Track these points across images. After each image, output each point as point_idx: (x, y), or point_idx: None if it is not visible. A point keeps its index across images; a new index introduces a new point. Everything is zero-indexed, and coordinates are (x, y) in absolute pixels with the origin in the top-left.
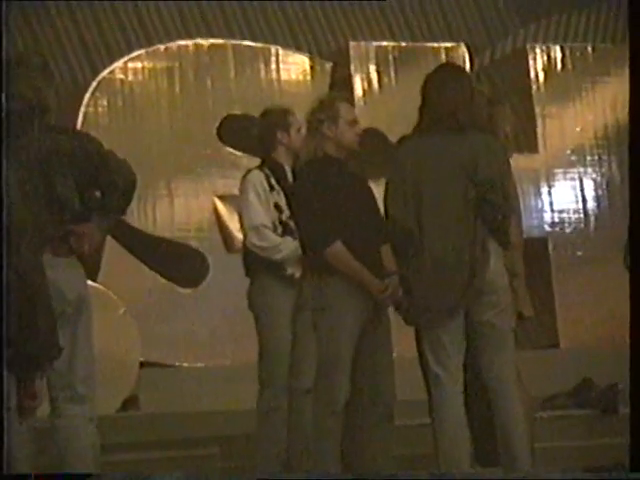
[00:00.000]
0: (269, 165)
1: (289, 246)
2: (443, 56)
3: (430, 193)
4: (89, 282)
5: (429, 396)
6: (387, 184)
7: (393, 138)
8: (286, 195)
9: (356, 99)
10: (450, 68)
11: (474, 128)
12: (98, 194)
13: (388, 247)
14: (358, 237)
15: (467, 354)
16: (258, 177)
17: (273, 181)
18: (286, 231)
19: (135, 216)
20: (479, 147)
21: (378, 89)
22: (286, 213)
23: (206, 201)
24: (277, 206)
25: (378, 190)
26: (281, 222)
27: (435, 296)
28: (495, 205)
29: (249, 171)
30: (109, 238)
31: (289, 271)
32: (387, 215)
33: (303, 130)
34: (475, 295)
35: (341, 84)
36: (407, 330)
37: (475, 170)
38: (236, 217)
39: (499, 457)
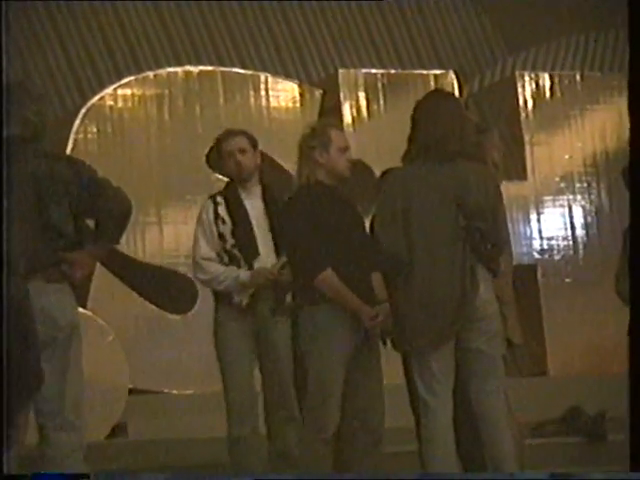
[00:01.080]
0: (226, 193)
1: (231, 275)
2: (432, 83)
3: (419, 221)
4: (79, 309)
5: (416, 424)
6: (376, 212)
7: (382, 165)
8: (234, 223)
9: (345, 126)
10: (440, 95)
11: (464, 156)
12: (92, 222)
13: (379, 274)
14: (349, 264)
15: (457, 381)
16: (206, 206)
17: (221, 210)
18: (232, 260)
19: (124, 243)
20: (469, 175)
21: (367, 116)
22: (230, 242)
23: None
24: (221, 236)
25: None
26: (226, 251)
27: (425, 323)
28: (485, 233)
29: None
30: (98, 265)
31: (236, 299)
32: (376, 243)
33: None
34: (465, 322)
35: (330, 111)
36: (397, 357)
37: (465, 198)
38: None
39: None
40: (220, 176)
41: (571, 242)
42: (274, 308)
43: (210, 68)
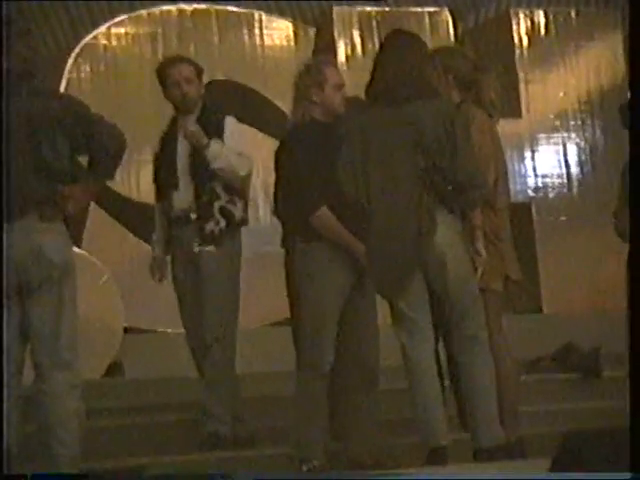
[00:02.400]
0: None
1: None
2: (427, 21)
3: (378, 165)
4: (74, 248)
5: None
6: (338, 157)
7: None
8: (162, 158)
9: (340, 64)
10: (398, 35)
11: (421, 96)
12: (86, 157)
13: None
14: (344, 202)
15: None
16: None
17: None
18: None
19: (119, 182)
20: (425, 115)
21: (362, 54)
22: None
23: None
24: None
25: None
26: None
27: (385, 266)
28: (444, 172)
29: None
30: (92, 204)
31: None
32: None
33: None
34: (425, 265)
35: (325, 49)
36: None
37: (422, 139)
38: None
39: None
40: None
41: (566, 180)
42: (199, 239)
43: (204, 6)
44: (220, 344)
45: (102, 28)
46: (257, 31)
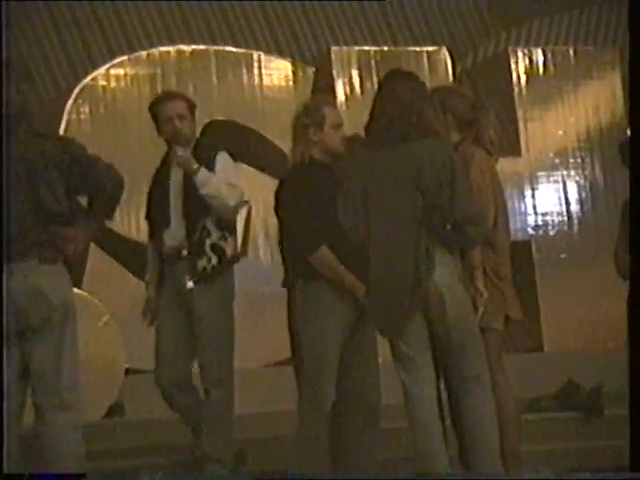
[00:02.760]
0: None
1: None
2: (425, 60)
3: (377, 203)
4: (74, 289)
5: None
6: (338, 196)
7: None
8: (154, 193)
9: (338, 104)
10: (397, 75)
11: (419, 135)
12: (85, 198)
13: None
14: (344, 241)
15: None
16: None
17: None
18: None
19: (119, 222)
20: (423, 153)
21: (360, 94)
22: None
23: None
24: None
25: None
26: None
27: (385, 306)
28: (443, 212)
29: None
30: (93, 245)
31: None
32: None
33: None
34: (424, 306)
35: (323, 89)
36: None
37: (420, 178)
38: None
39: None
40: None
41: (566, 218)
42: (191, 276)
43: (203, 47)
44: (218, 386)
45: (101, 69)
46: (256, 71)
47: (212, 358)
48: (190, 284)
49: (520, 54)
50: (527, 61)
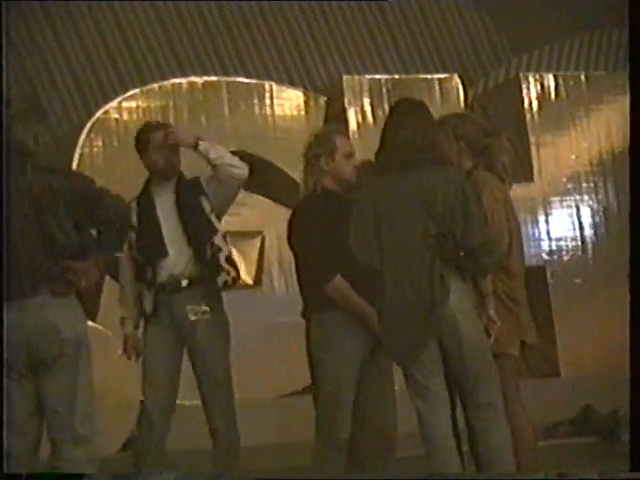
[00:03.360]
0: (140, 195)
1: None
2: (437, 87)
3: (390, 231)
4: (89, 322)
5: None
6: (350, 223)
7: None
8: (140, 226)
9: (350, 133)
10: (405, 104)
11: (431, 162)
12: (94, 231)
13: None
14: (358, 270)
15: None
16: None
17: (133, 216)
18: (138, 269)
19: None
20: (436, 180)
21: (372, 122)
22: (135, 248)
23: None
24: (130, 244)
25: None
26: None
27: (398, 334)
28: (456, 239)
29: None
30: (108, 278)
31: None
32: (351, 255)
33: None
34: (439, 333)
35: (335, 118)
36: None
37: (433, 204)
38: (234, 253)
39: None
40: None
41: (580, 242)
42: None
43: (214, 78)
44: (224, 416)
45: (114, 102)
46: (268, 101)
47: (216, 389)
48: (194, 315)
49: (532, 79)
50: (539, 86)
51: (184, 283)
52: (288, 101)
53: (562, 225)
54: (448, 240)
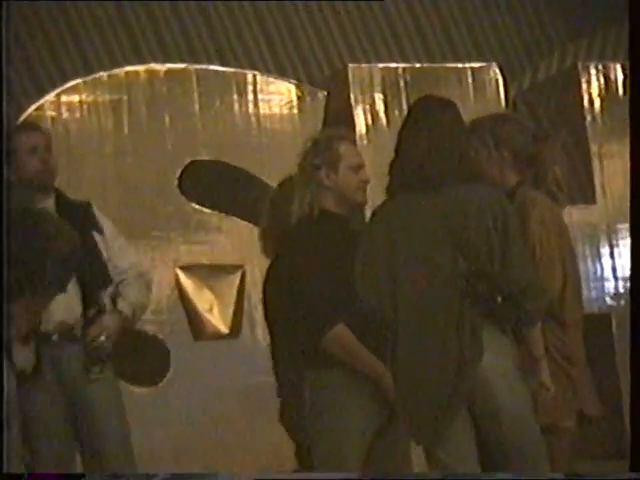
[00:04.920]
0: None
1: None
2: (470, 80)
3: (406, 270)
4: None
5: None
6: (355, 261)
7: None
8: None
9: (358, 138)
10: (429, 102)
11: (463, 179)
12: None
13: None
14: (365, 317)
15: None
16: None
17: None
18: None
19: None
20: (468, 203)
21: (386, 124)
22: None
23: (166, 274)
24: None
25: None
26: None
27: (419, 403)
28: (493, 280)
29: None
30: None
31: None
32: (356, 301)
33: None
34: (467, 402)
35: (338, 119)
36: None
37: (462, 235)
38: (205, 294)
39: None
40: (197, 206)
41: None
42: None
43: (181, 66)
44: None
45: (50, 96)
46: (250, 96)
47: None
48: (94, 374)
49: (593, 71)
50: (602, 80)
51: (77, 333)
52: (277, 96)
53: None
54: (482, 281)
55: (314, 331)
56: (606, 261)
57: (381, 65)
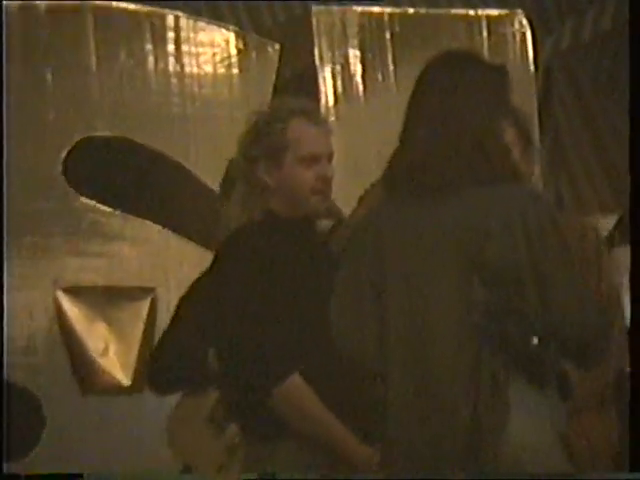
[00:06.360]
0: None
1: None
2: (484, 33)
3: (400, 299)
4: None
5: None
6: (334, 286)
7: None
8: None
9: (323, 111)
10: (455, 62)
11: (494, 178)
12: None
13: None
14: (329, 365)
15: None
16: None
17: None
18: None
19: None
20: (492, 212)
21: (363, 92)
22: None
23: (43, 298)
24: None
25: None
26: None
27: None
28: (526, 312)
29: None
30: None
31: None
32: (332, 338)
33: None
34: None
35: (294, 84)
36: None
37: (483, 253)
38: (98, 328)
39: None
40: (90, 201)
41: None
42: None
43: (74, 2)
44: None
45: None
46: (170, 47)
47: None
48: None
49: None
50: None
51: None
52: (209, 49)
53: None
54: (509, 316)
55: (257, 384)
56: None
57: (359, 9)
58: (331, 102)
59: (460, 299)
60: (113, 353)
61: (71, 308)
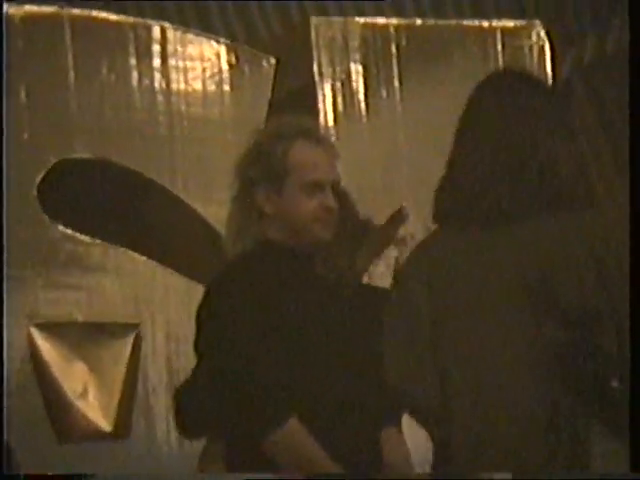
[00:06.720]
0: None
1: None
2: (499, 46)
3: (461, 338)
4: None
5: None
6: (384, 325)
7: (393, 204)
8: None
9: (323, 131)
10: (505, 82)
11: (567, 206)
12: None
13: (395, 430)
14: (329, 408)
15: None
16: None
17: None
18: None
19: None
20: (565, 241)
21: (365, 110)
22: None
23: (16, 335)
24: None
25: None
26: None
27: None
28: (605, 356)
29: None
30: None
31: None
32: (385, 378)
33: None
34: None
35: (292, 101)
36: None
37: (553, 288)
38: (77, 368)
39: None
40: (68, 230)
41: None
42: None
43: (49, 9)
44: None
45: None
46: (157, 61)
47: None
48: None
49: None
50: None
51: None
52: (199, 63)
53: None
54: (591, 359)
55: (252, 428)
56: None
57: (362, 20)
58: (331, 121)
59: (527, 336)
60: (93, 396)
61: (46, 346)
